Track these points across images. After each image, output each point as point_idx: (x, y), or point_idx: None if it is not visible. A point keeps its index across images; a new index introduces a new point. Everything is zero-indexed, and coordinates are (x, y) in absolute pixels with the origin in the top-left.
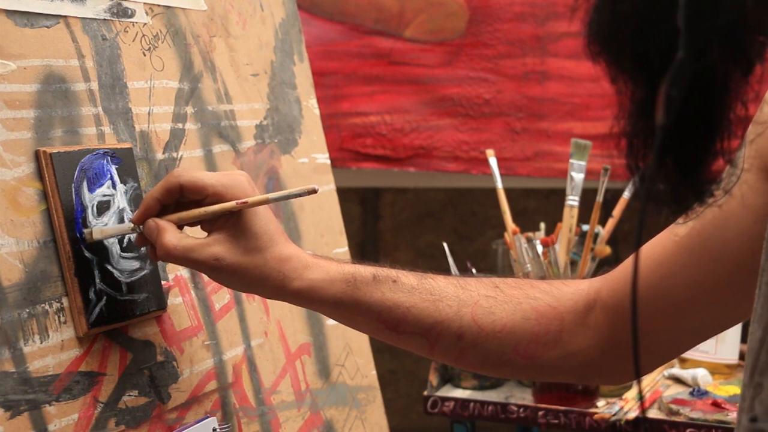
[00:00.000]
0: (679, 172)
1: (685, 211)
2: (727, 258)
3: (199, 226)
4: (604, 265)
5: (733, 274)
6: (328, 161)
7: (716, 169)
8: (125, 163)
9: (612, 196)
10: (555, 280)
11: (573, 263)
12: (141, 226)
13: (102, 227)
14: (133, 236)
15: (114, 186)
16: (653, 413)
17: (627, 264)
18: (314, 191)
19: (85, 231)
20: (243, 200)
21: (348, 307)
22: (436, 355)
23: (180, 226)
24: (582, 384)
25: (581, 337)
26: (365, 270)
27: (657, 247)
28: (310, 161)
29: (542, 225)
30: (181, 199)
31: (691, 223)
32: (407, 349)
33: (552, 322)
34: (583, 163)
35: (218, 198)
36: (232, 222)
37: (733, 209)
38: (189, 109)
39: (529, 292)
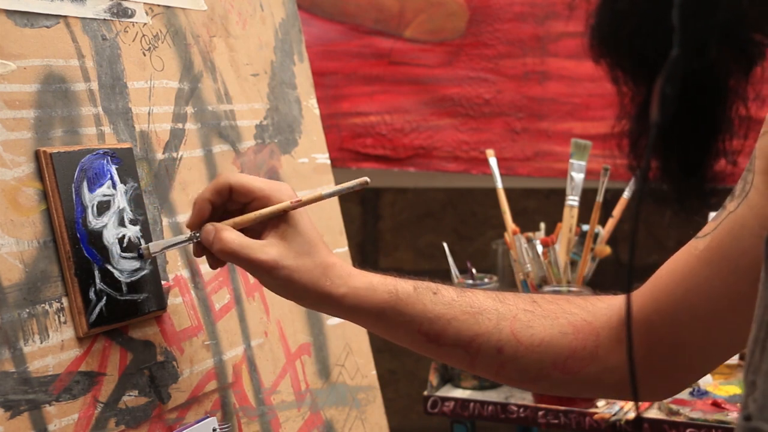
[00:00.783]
0: (681, 172)
1: (688, 211)
2: (746, 267)
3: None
4: (604, 265)
5: (754, 283)
6: (328, 161)
7: (719, 170)
8: (125, 163)
9: (612, 196)
10: (590, 296)
11: (573, 263)
12: (198, 233)
13: (159, 241)
14: (139, 247)
15: (114, 186)
16: (653, 413)
17: (653, 280)
18: (366, 183)
19: (142, 248)
20: (297, 199)
21: (390, 318)
22: (476, 368)
23: None
24: (620, 399)
25: (617, 353)
26: (405, 282)
27: (679, 262)
28: (310, 161)
29: (542, 225)
30: (227, 204)
31: (710, 235)
32: (448, 363)
33: (588, 338)
34: (583, 163)
35: (264, 201)
36: (282, 227)
37: (746, 218)
38: (189, 109)
39: (566, 307)
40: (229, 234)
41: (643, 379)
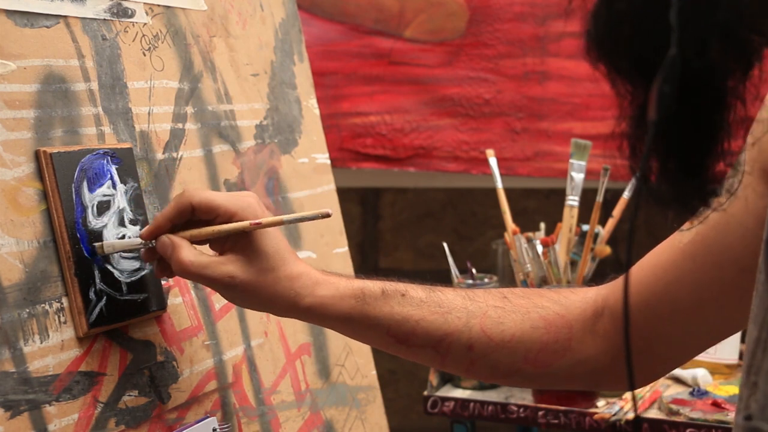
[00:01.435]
0: (681, 172)
1: (690, 212)
2: (730, 263)
3: (207, 245)
4: (604, 265)
5: (736, 279)
6: (328, 161)
7: (719, 170)
8: (125, 163)
9: (612, 196)
10: (563, 288)
11: (573, 263)
12: (153, 242)
13: (113, 241)
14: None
15: (114, 186)
16: (653, 413)
17: (634, 271)
18: (328, 215)
19: (96, 245)
20: (257, 221)
21: (358, 322)
22: (447, 367)
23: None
24: (594, 391)
25: (590, 345)
26: (374, 285)
27: (662, 254)
28: (310, 161)
29: (542, 225)
30: (191, 218)
31: (694, 229)
32: (419, 362)
33: (561, 331)
34: (583, 163)
35: (228, 218)
36: (244, 242)
37: (735, 213)
38: (189, 109)
39: (537, 301)
40: (186, 253)
41: (616, 369)
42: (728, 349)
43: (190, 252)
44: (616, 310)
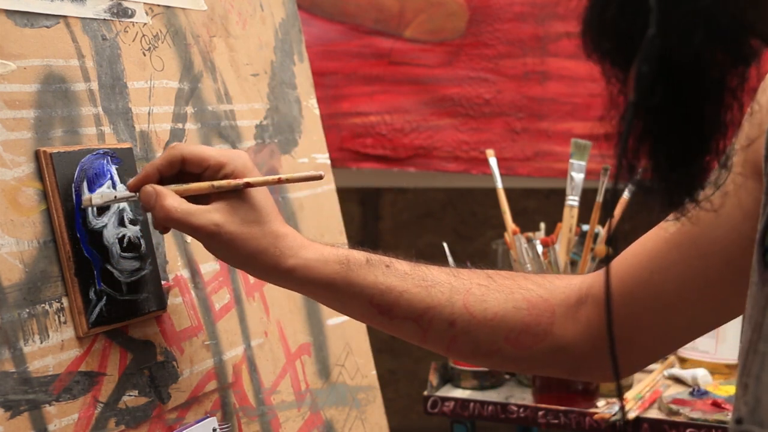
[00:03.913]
0: (668, 164)
1: (677, 205)
2: (716, 255)
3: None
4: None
5: (722, 272)
6: (328, 161)
7: (707, 164)
8: (125, 163)
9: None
10: (549, 274)
11: (573, 263)
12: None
13: (102, 191)
14: (131, 208)
15: (114, 186)
16: (653, 413)
17: (619, 261)
18: (320, 177)
19: (84, 198)
20: (247, 180)
21: (341, 289)
22: (428, 342)
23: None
24: (574, 380)
25: (572, 332)
26: (359, 254)
27: (647, 243)
28: (310, 161)
29: (542, 225)
30: (180, 173)
31: (681, 220)
32: (400, 336)
33: (543, 314)
34: (583, 163)
35: (218, 169)
36: (231, 195)
37: (724, 207)
38: (189, 109)
39: (522, 283)
40: (170, 201)
41: (598, 359)
42: (728, 349)
43: (175, 199)
44: (600, 298)
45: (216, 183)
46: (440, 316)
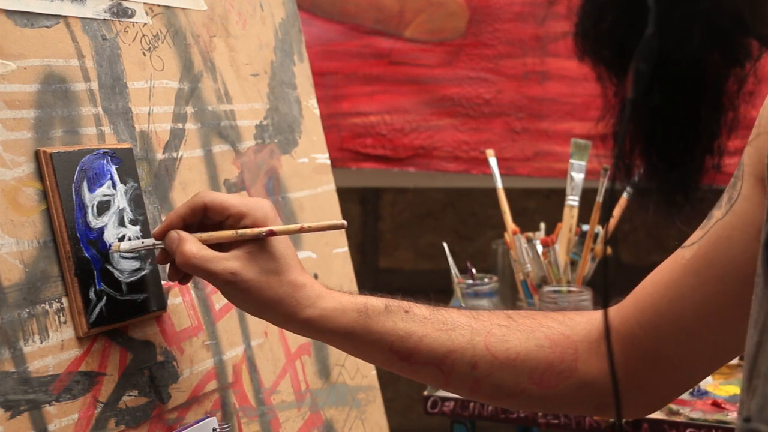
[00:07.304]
0: (664, 164)
1: (672, 206)
2: (733, 276)
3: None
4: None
5: (739, 292)
6: (328, 161)
7: (703, 166)
8: (125, 163)
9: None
10: (568, 311)
11: (573, 263)
12: (162, 242)
13: (127, 242)
14: (148, 247)
15: (114, 186)
16: (653, 413)
17: (637, 291)
18: (344, 226)
19: (113, 245)
20: (270, 228)
21: (360, 337)
22: (450, 386)
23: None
24: (601, 417)
25: (596, 367)
26: (377, 300)
27: (665, 272)
28: (310, 161)
29: (542, 225)
30: (203, 221)
31: (697, 244)
32: (421, 381)
33: (566, 351)
34: (583, 163)
35: (239, 218)
36: (251, 243)
37: (736, 226)
38: (189, 109)
39: (542, 321)
40: (191, 245)
41: (624, 394)
42: None
43: (194, 245)
44: (621, 332)
45: (240, 231)
46: (462, 359)
